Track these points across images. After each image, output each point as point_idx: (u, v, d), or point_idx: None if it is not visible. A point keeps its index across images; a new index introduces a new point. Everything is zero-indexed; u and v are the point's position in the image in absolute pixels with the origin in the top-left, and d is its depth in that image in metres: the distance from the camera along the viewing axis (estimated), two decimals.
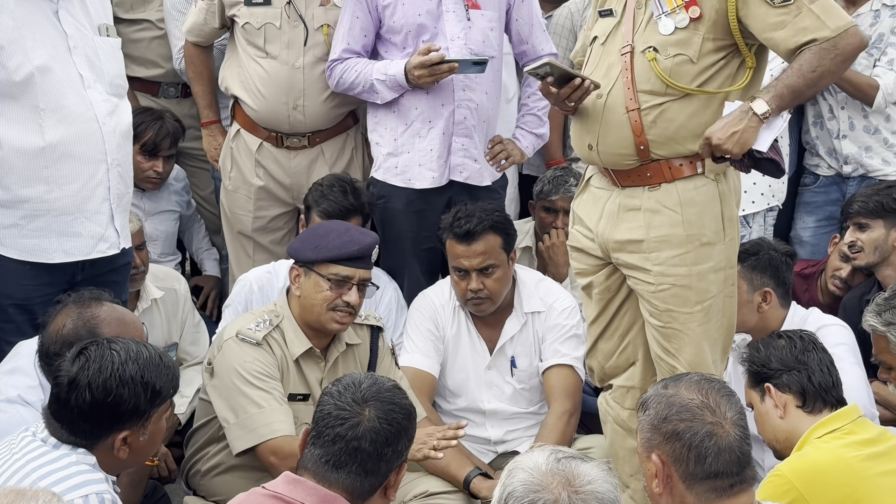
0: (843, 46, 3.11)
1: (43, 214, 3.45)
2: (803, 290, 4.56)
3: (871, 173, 4.68)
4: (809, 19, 3.09)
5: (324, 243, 3.42)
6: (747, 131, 3.15)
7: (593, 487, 2.02)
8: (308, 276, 3.41)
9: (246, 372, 3.32)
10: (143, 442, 2.71)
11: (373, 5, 4.15)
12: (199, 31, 4.43)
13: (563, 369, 3.97)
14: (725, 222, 3.30)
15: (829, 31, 3.08)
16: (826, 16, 3.10)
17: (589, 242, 3.43)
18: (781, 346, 3.04)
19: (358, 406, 2.52)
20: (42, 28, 3.43)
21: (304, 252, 3.44)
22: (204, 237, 5.15)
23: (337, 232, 3.50)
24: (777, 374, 3.00)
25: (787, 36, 3.12)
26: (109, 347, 2.70)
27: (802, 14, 3.09)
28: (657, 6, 3.23)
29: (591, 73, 3.38)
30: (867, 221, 4.22)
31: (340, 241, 3.43)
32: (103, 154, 3.52)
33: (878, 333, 3.13)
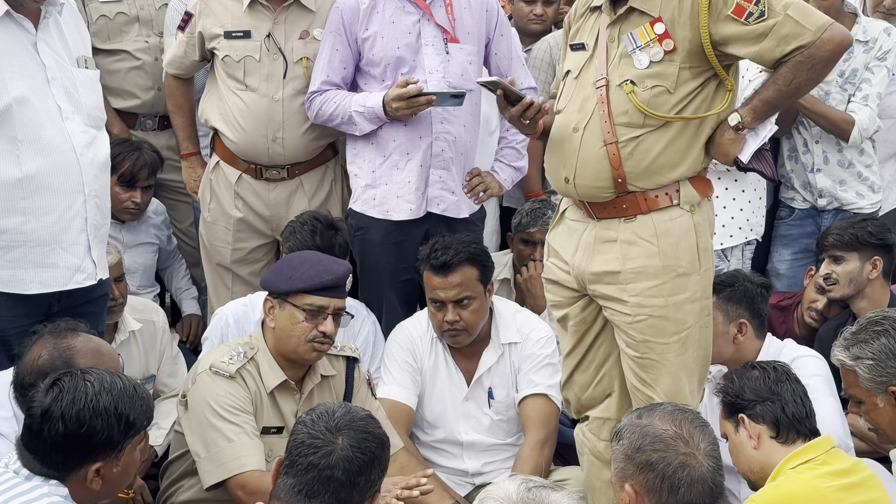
0: (820, 55, 3.12)
1: (19, 245, 3.43)
2: (780, 323, 4.57)
3: (846, 206, 4.69)
4: (789, 26, 3.10)
5: (297, 274, 3.42)
6: (724, 143, 3.25)
7: None
8: (283, 307, 3.40)
9: (218, 405, 3.31)
10: (117, 473, 2.69)
11: (352, 38, 4.16)
12: (180, 64, 4.43)
13: (538, 398, 3.97)
14: (700, 253, 3.30)
15: (810, 34, 3.09)
16: (804, 19, 3.11)
17: (564, 275, 3.43)
18: (755, 376, 3.04)
19: (331, 434, 2.52)
20: (20, 60, 3.43)
21: (278, 283, 3.44)
22: (184, 276, 5.12)
23: (310, 262, 3.49)
24: (751, 405, 2.99)
25: (771, 46, 3.13)
26: (83, 378, 2.68)
27: (781, 22, 3.10)
28: (630, 41, 3.25)
29: (564, 107, 3.40)
30: (842, 254, 4.24)
31: (314, 270, 3.43)
32: (80, 185, 3.50)
33: (846, 368, 3.13)
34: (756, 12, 3.11)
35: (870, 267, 4.23)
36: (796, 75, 3.16)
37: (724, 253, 4.57)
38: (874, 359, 3.05)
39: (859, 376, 3.09)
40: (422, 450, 4.08)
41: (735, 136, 3.25)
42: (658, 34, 3.21)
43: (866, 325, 3.14)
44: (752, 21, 3.11)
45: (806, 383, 3.14)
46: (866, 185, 4.72)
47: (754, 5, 3.11)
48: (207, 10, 4.27)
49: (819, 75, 3.23)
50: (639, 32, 3.24)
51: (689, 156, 3.27)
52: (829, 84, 4.55)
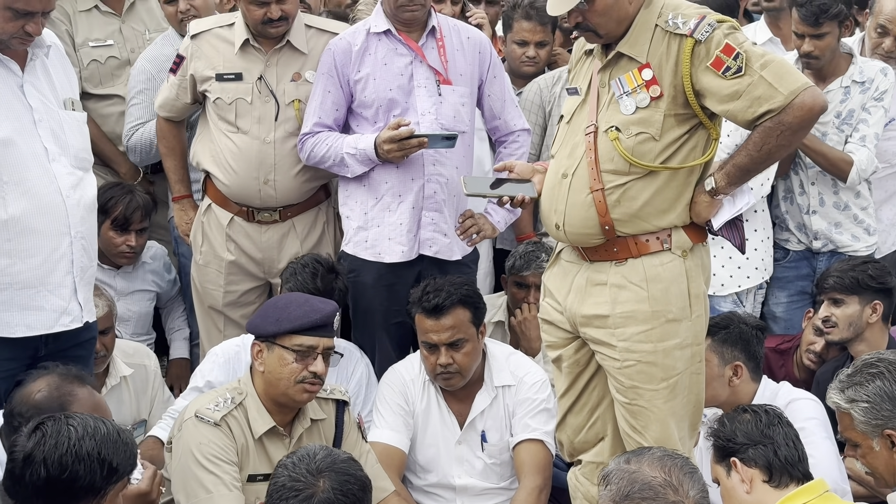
0: (788, 122, 3.10)
1: (5, 288, 3.43)
2: (779, 366, 4.57)
3: (841, 249, 4.69)
4: (762, 87, 3.09)
5: (285, 315, 3.39)
6: (700, 205, 3.26)
7: None
8: (271, 350, 3.38)
9: (200, 454, 3.27)
10: None
11: (344, 80, 4.17)
12: (171, 107, 4.43)
13: (534, 444, 3.94)
14: (692, 299, 3.29)
15: (782, 98, 3.08)
16: (779, 81, 3.10)
17: (558, 315, 3.42)
18: (746, 420, 3.01)
19: (312, 477, 2.52)
20: (7, 101, 3.44)
21: (266, 326, 3.41)
22: (179, 316, 5.10)
23: (296, 302, 3.48)
24: (743, 449, 2.96)
25: (744, 107, 3.12)
26: (66, 423, 2.66)
27: (755, 82, 3.10)
28: (618, 86, 3.25)
29: (557, 152, 3.42)
30: (842, 297, 4.23)
31: (301, 311, 3.41)
32: (67, 227, 3.50)
33: (841, 411, 3.11)
34: (734, 67, 3.11)
35: (870, 311, 4.23)
36: (766, 141, 3.15)
37: (739, 297, 4.58)
38: (869, 401, 3.03)
39: (854, 419, 3.06)
40: (415, 494, 4.06)
41: (710, 201, 3.24)
42: (645, 80, 3.22)
43: (861, 368, 3.11)
44: (728, 76, 3.11)
45: (802, 427, 3.15)
46: (862, 228, 4.72)
47: (733, 59, 3.11)
48: (199, 53, 4.30)
49: (790, 141, 3.21)
50: (626, 78, 3.24)
51: (679, 204, 3.26)
52: (826, 125, 4.55)
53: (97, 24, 4.86)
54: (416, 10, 4.08)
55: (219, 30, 4.31)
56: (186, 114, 4.50)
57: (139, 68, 4.78)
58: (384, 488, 3.59)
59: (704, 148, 3.27)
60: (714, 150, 3.29)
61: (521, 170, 3.48)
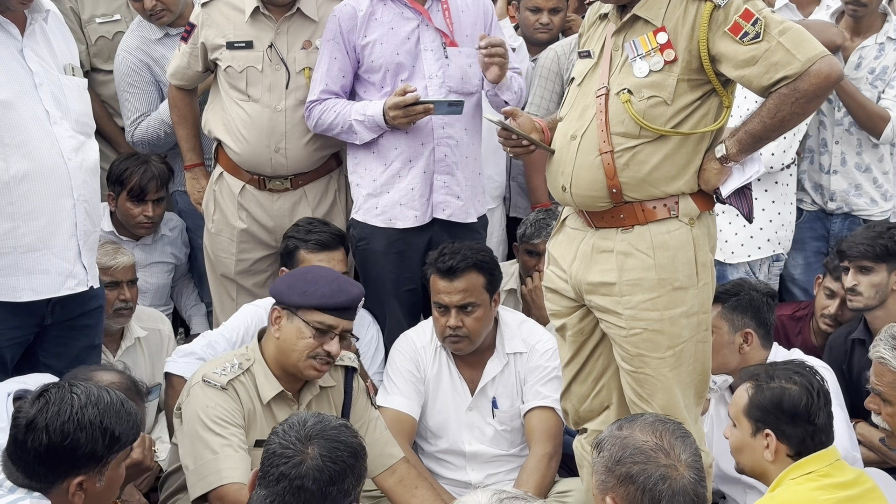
0: (804, 88, 3.08)
1: (9, 252, 3.44)
2: (796, 334, 4.57)
3: (856, 212, 4.68)
4: (780, 53, 3.08)
5: (312, 289, 3.39)
6: (708, 172, 3.24)
7: None
8: (291, 320, 3.37)
9: (207, 417, 3.29)
10: (100, 488, 2.69)
11: (350, 46, 4.18)
12: (183, 75, 4.45)
13: (545, 411, 3.96)
14: (699, 267, 3.27)
15: (798, 65, 3.06)
16: (796, 48, 3.08)
17: (563, 283, 3.42)
18: (795, 393, 2.97)
19: (301, 444, 2.53)
20: (7, 64, 3.45)
21: (291, 296, 3.40)
22: (192, 292, 5.13)
23: (326, 279, 3.47)
24: (783, 422, 2.95)
25: (760, 73, 3.11)
26: (70, 391, 2.69)
27: (772, 48, 3.08)
28: (632, 49, 3.24)
29: (566, 114, 3.40)
30: (872, 265, 4.18)
31: (329, 289, 3.40)
32: (69, 189, 3.52)
33: (888, 367, 3.09)
34: (752, 33, 3.09)
35: (894, 278, 4.20)
36: (780, 108, 3.13)
37: (751, 267, 4.55)
38: None
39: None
40: (425, 460, 4.09)
41: (720, 168, 3.23)
42: (660, 43, 3.21)
43: None
44: (746, 41, 3.10)
45: None
46: (880, 193, 4.71)
47: (751, 25, 3.09)
48: (209, 21, 4.30)
49: (805, 109, 3.19)
50: (641, 41, 3.23)
51: (688, 171, 3.25)
52: (859, 80, 4.56)
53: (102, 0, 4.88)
54: None
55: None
56: (198, 82, 4.51)
57: (121, 62, 4.78)
58: (393, 455, 3.62)
59: (716, 115, 3.25)
60: (726, 117, 3.27)
61: (522, 122, 3.45)
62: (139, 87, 4.76)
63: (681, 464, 2.42)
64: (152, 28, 4.73)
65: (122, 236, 4.68)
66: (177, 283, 5.06)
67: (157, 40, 4.74)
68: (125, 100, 4.78)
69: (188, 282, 5.10)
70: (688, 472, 2.41)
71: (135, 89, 4.76)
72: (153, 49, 4.74)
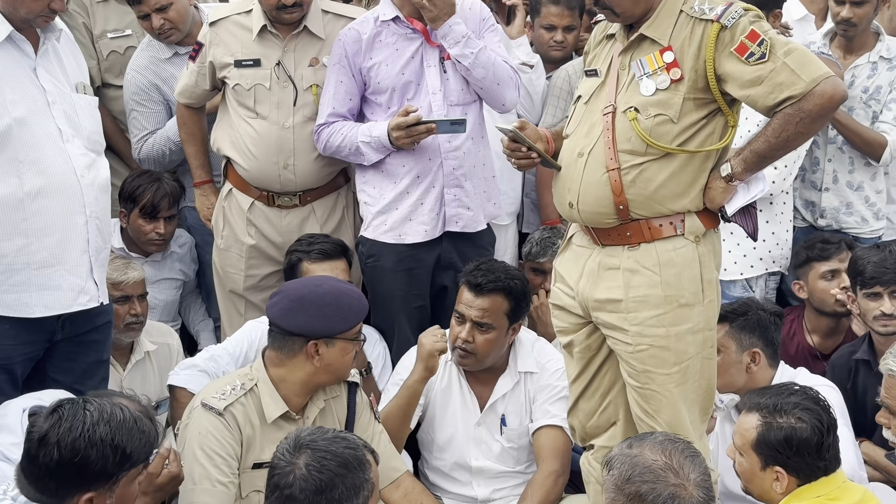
0: (808, 109, 3.10)
1: (22, 269, 3.45)
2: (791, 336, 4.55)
3: (845, 229, 4.66)
4: (784, 74, 3.09)
5: (348, 311, 3.41)
6: (714, 190, 3.25)
7: None
8: (332, 344, 3.36)
9: (198, 445, 3.26)
10: None
11: (356, 69, 4.19)
12: (191, 93, 4.46)
13: (553, 430, 3.95)
14: (704, 284, 3.28)
15: (803, 85, 3.07)
16: (801, 69, 3.09)
17: (570, 300, 3.43)
18: (805, 433, 2.95)
19: (291, 455, 2.54)
20: (20, 83, 3.47)
21: (334, 327, 3.37)
22: (200, 307, 5.13)
23: (347, 296, 3.49)
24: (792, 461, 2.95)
25: (765, 93, 3.12)
26: (84, 407, 2.69)
27: (777, 69, 3.09)
28: (639, 67, 3.26)
29: (573, 132, 3.41)
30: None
31: (358, 303, 3.47)
32: (82, 206, 3.53)
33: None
34: (758, 53, 3.11)
35: None
36: (785, 128, 3.14)
37: (748, 283, 4.55)
38: None
39: None
40: (431, 475, 4.09)
41: (726, 186, 3.24)
42: (667, 62, 3.22)
43: None
44: (752, 61, 3.11)
45: None
46: (871, 212, 4.70)
47: (757, 45, 3.11)
48: (217, 40, 4.32)
49: (809, 129, 3.20)
50: (648, 60, 3.25)
51: (694, 189, 3.26)
52: (853, 100, 4.56)
53: (114, 15, 4.89)
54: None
55: (237, 17, 4.33)
56: (206, 100, 4.53)
57: (130, 81, 4.80)
58: (398, 468, 3.61)
59: (721, 134, 3.26)
60: (731, 136, 3.28)
61: (529, 132, 3.46)
62: (147, 106, 4.77)
63: (690, 483, 2.44)
64: (161, 47, 4.75)
65: (132, 252, 4.69)
66: (185, 298, 5.06)
67: (165, 59, 4.75)
68: (133, 118, 4.79)
69: (196, 297, 5.09)
70: (697, 491, 2.43)
71: (143, 108, 4.77)
72: (162, 68, 4.75)
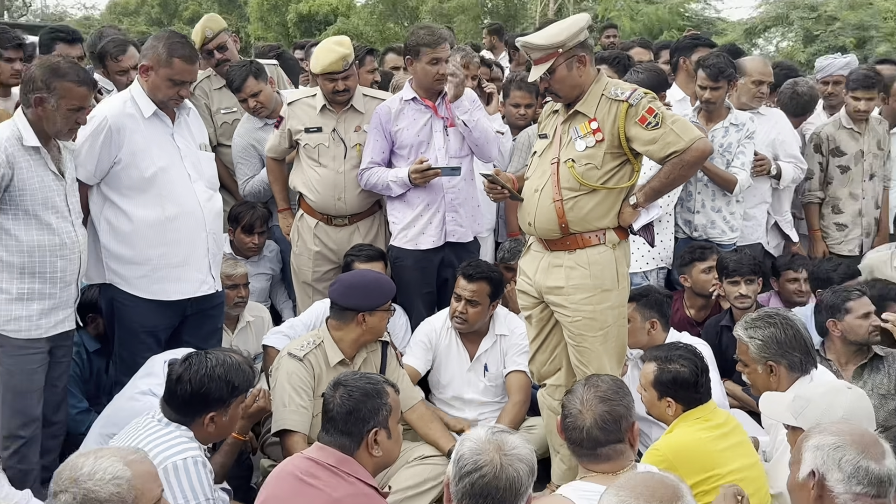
0: (688, 159, 3.12)
1: (164, 268, 3.47)
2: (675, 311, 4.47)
3: (712, 239, 4.61)
4: (672, 136, 3.11)
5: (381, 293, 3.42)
6: (625, 213, 3.26)
7: (517, 452, 2.03)
8: (373, 315, 3.37)
9: (287, 381, 3.28)
10: (225, 421, 2.73)
11: (387, 132, 4.17)
12: (276, 150, 4.43)
13: (519, 374, 3.94)
14: (619, 276, 3.30)
15: (684, 143, 3.09)
16: (682, 133, 3.11)
17: (529, 287, 3.43)
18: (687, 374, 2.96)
19: (332, 390, 2.53)
20: (162, 144, 3.48)
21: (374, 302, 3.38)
22: (283, 292, 5.03)
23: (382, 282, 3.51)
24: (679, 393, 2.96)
25: (659, 149, 3.13)
26: (205, 356, 2.73)
27: (666, 133, 3.11)
28: (574, 132, 3.26)
29: (531, 175, 3.40)
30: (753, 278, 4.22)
31: (389, 288, 3.49)
32: (203, 225, 3.54)
33: (742, 341, 3.10)
34: (654, 122, 3.13)
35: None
36: (672, 172, 3.17)
37: (646, 274, 4.52)
38: (762, 341, 3.02)
39: (749, 349, 3.05)
40: (437, 403, 4.06)
41: (633, 211, 3.26)
42: (593, 129, 3.23)
43: (763, 316, 3.10)
44: (650, 128, 3.12)
45: None
46: (728, 226, 4.63)
47: (653, 118, 3.13)
48: (293, 115, 4.30)
49: (687, 173, 3.23)
50: (580, 127, 3.26)
51: (612, 213, 3.27)
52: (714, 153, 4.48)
53: (225, 98, 4.86)
54: (442, 83, 4.10)
55: (306, 98, 4.33)
56: (286, 154, 4.49)
57: (236, 143, 4.74)
58: (414, 397, 3.60)
59: (630, 175, 3.27)
60: (636, 177, 3.30)
61: (502, 176, 3.45)
62: (247, 160, 4.73)
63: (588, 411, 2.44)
64: (255, 120, 4.71)
65: (237, 256, 4.68)
66: (273, 287, 5.03)
67: (259, 128, 4.72)
68: (238, 167, 4.76)
69: (280, 286, 5.05)
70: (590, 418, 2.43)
71: (245, 161, 4.73)
72: (256, 134, 4.71)
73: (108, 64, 4.52)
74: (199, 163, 3.58)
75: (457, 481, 1.99)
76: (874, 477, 1.97)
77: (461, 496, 1.98)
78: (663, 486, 1.81)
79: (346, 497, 2.35)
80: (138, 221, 3.41)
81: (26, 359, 3.11)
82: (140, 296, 3.46)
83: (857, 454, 1.99)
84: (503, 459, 1.99)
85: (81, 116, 3.11)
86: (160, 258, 3.45)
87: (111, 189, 3.42)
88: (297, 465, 2.44)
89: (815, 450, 2.04)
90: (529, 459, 2.03)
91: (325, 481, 2.38)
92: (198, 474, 2.55)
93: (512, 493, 1.97)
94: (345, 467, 2.41)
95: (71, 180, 3.23)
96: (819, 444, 2.04)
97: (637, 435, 2.45)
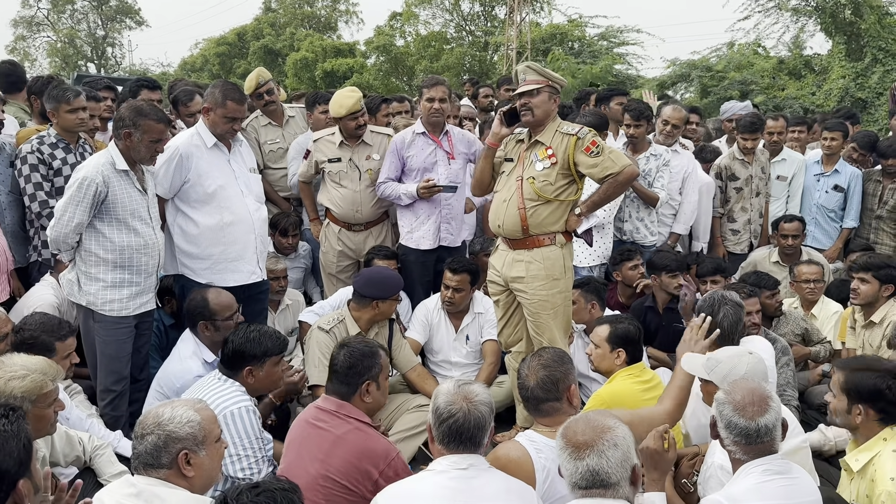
0: (621, 180, 3.13)
1: (222, 262, 3.44)
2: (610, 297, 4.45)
3: (638, 241, 4.59)
4: (608, 162, 3.11)
5: (392, 285, 3.38)
6: (571, 220, 3.24)
7: (479, 398, 2.02)
8: (384, 302, 3.37)
9: (317, 348, 3.29)
10: (262, 376, 2.71)
11: (400, 156, 4.12)
12: (305, 176, 4.38)
13: (492, 342, 3.93)
14: (566, 269, 3.29)
15: (618, 168, 3.10)
16: (616, 161, 3.12)
17: (497, 278, 3.41)
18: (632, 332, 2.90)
19: (338, 350, 2.48)
20: (222, 167, 3.44)
21: (386, 293, 3.34)
22: (313, 282, 4.95)
23: (393, 277, 3.44)
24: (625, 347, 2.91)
25: (598, 172, 3.14)
26: (248, 327, 2.74)
27: (605, 159, 3.11)
28: (535, 156, 3.25)
29: (500, 190, 3.35)
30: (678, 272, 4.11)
31: (398, 281, 3.44)
32: (252, 229, 3.50)
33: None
34: (596, 151, 3.13)
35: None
36: (608, 189, 3.17)
37: (590, 269, 4.50)
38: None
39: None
40: (431, 366, 4.03)
41: (577, 219, 3.25)
42: (549, 154, 3.22)
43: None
44: (592, 156, 3.13)
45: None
46: (649, 231, 4.62)
47: (595, 148, 3.13)
48: (318, 148, 4.26)
49: (619, 191, 3.22)
50: (539, 152, 3.25)
51: (561, 220, 3.26)
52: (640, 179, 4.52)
53: (271, 133, 4.80)
54: (439, 118, 4.06)
55: (328, 136, 4.26)
56: (313, 179, 4.44)
57: (292, 148, 4.67)
58: (413, 361, 3.58)
59: (575, 192, 3.27)
60: (580, 192, 3.29)
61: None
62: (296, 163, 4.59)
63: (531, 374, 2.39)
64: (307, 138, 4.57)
65: (279, 254, 4.62)
66: (306, 278, 4.98)
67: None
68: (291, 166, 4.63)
69: (311, 277, 4.99)
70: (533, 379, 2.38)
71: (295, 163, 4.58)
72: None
73: (180, 108, 4.54)
74: (249, 182, 3.54)
75: (437, 426, 1.99)
76: (741, 430, 2.00)
77: (441, 437, 1.98)
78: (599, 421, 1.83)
79: (347, 433, 2.34)
80: (203, 226, 3.40)
81: (118, 331, 3.12)
82: (204, 283, 3.44)
83: (731, 411, 2.02)
84: (469, 406, 1.97)
85: (160, 146, 3.12)
86: (220, 254, 3.43)
87: (182, 202, 3.41)
88: (309, 413, 2.42)
89: (714, 403, 2.10)
90: (489, 402, 2.02)
91: (329, 423, 2.37)
92: (249, 419, 2.59)
93: (479, 429, 1.98)
94: (344, 411, 2.39)
95: (152, 195, 3.22)
96: (716, 398, 2.10)
97: (574, 395, 2.37)
